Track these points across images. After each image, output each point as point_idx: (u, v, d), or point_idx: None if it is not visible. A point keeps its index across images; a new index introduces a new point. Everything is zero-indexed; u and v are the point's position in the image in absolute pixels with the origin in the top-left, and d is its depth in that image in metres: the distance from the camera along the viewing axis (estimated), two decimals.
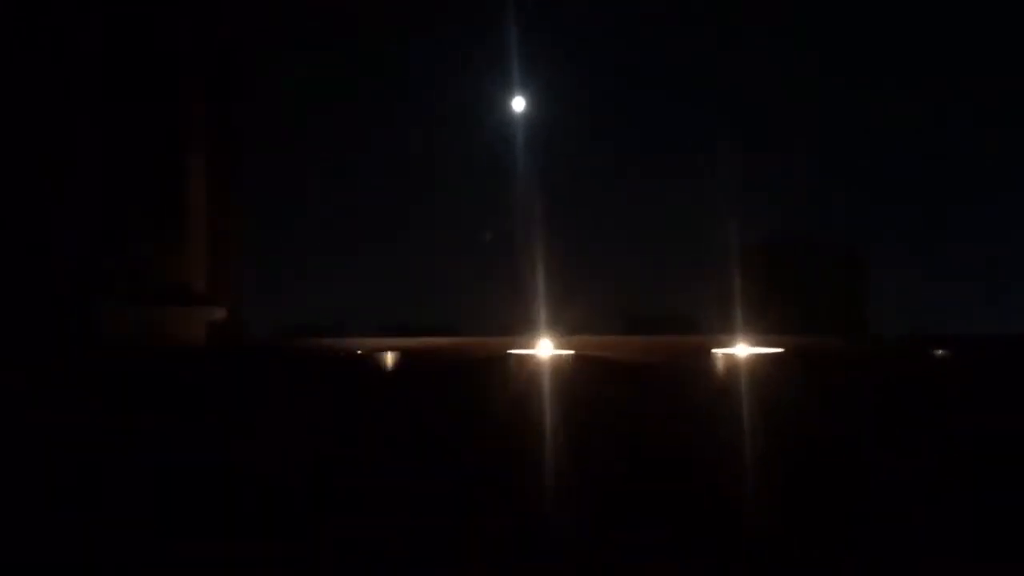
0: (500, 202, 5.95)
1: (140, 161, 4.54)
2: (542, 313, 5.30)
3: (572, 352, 4.53)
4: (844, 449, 3.14)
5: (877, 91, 6.02)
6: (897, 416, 3.45)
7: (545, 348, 4.64)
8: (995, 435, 3.05)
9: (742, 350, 4.38)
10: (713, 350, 4.33)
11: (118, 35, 4.64)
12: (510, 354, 4.60)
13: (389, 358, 4.61)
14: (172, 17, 4.86)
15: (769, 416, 3.31)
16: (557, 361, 4.39)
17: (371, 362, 4.40)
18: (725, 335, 4.85)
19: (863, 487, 2.77)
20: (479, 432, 3.36)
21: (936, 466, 2.91)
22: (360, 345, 4.87)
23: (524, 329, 5.04)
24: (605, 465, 3.04)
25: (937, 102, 5.96)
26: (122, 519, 2.34)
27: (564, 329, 5.14)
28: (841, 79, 6.04)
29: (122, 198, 4.51)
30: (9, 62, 4.31)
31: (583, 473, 2.95)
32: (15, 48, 4.29)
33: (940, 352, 4.20)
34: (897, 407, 3.57)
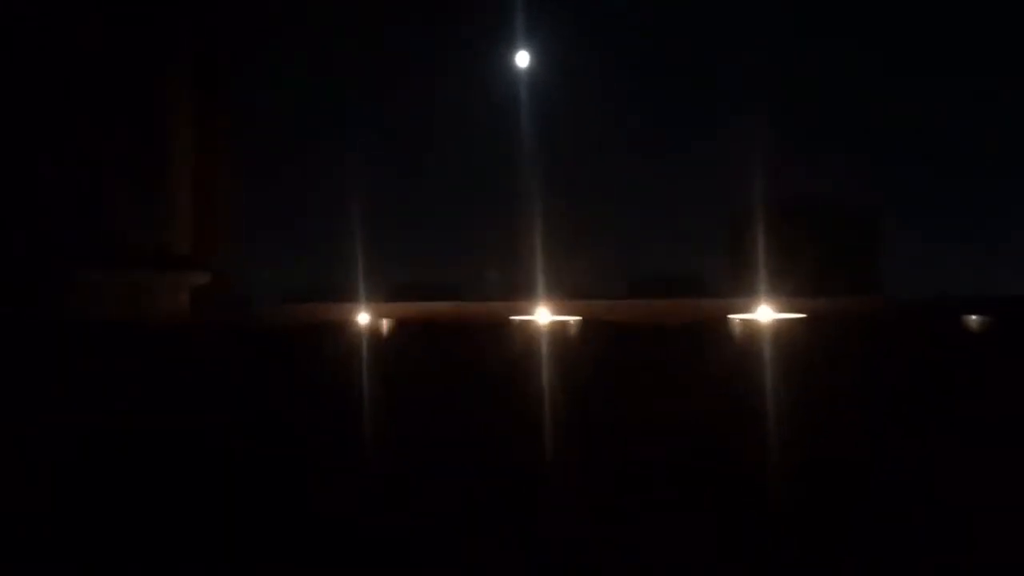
0: (501, 161, 5.62)
1: (113, 108, 4.18)
2: (544, 276, 5.02)
3: (579, 318, 4.24)
4: (875, 428, 2.86)
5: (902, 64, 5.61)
6: (930, 390, 3.16)
7: (549, 314, 4.35)
8: None
9: (763, 314, 4.06)
10: (730, 316, 4.02)
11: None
12: (513, 320, 4.32)
13: (381, 326, 4.32)
14: None
15: (794, 389, 3.03)
16: (563, 327, 4.11)
17: (360, 331, 4.12)
18: (742, 298, 4.55)
19: (892, 469, 2.51)
20: (478, 404, 3.10)
21: (971, 447, 2.65)
22: (353, 311, 4.58)
23: (527, 292, 4.77)
24: (614, 445, 2.78)
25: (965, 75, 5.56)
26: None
27: (569, 292, 4.85)
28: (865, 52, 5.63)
29: (95, 152, 4.17)
30: None
31: (589, 452, 2.71)
32: None
33: (976, 318, 3.88)
34: (931, 380, 3.28)
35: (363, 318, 4.46)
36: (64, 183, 4.05)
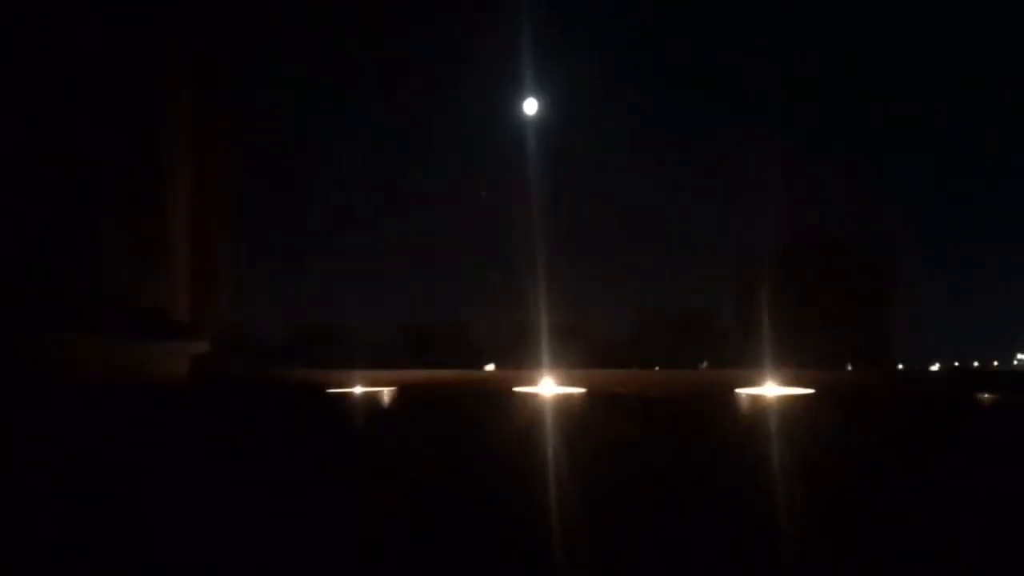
0: (505, 211, 5.63)
1: (113, 165, 4.16)
2: (546, 342, 4.97)
3: (583, 390, 4.17)
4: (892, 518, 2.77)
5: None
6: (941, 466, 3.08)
7: (552, 385, 4.29)
8: None
9: (770, 390, 4.01)
10: (737, 390, 3.96)
11: (95, 33, 4.28)
12: (516, 392, 4.25)
13: (378, 396, 4.24)
14: (157, 24, 4.51)
15: (802, 464, 2.96)
16: (568, 400, 4.04)
17: (355, 403, 4.04)
18: (748, 368, 4.49)
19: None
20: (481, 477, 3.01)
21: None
22: (347, 380, 4.51)
23: (529, 359, 4.71)
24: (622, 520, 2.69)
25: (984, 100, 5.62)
26: None
27: (571, 360, 4.79)
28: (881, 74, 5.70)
29: (93, 210, 4.14)
30: None
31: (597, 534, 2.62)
32: None
33: (988, 396, 3.83)
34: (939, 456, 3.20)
35: (360, 387, 4.39)
36: (58, 241, 4.01)
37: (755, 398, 3.89)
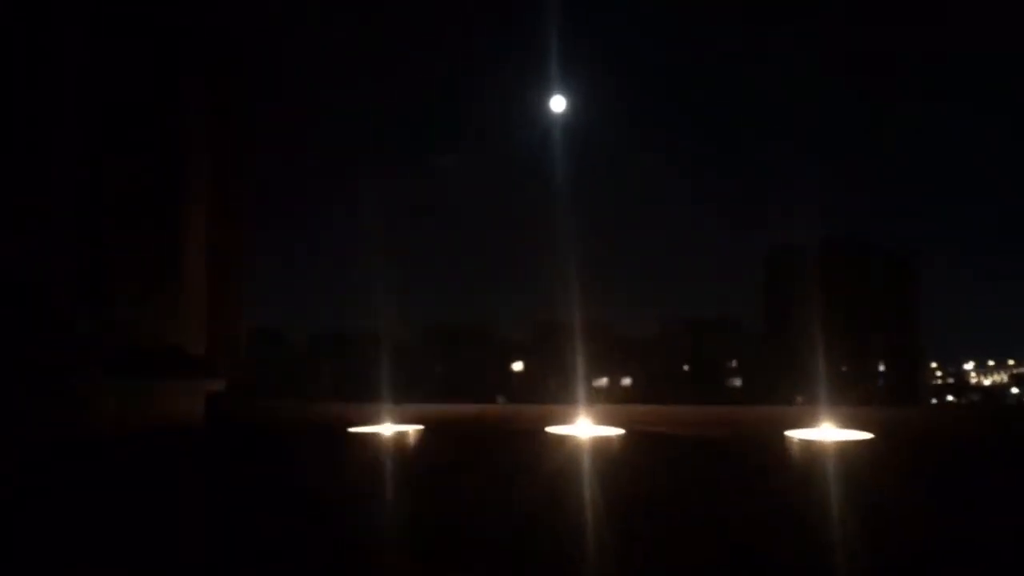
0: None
1: (124, 201, 3.98)
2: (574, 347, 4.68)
3: (621, 431, 3.88)
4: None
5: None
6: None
7: (587, 425, 4.01)
8: None
9: (824, 433, 3.68)
10: (787, 433, 3.65)
11: (108, 76, 4.11)
12: (548, 432, 3.98)
13: (408, 435, 4.01)
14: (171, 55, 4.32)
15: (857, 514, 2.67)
16: (604, 443, 3.76)
17: (386, 442, 3.80)
18: (798, 404, 4.18)
19: None
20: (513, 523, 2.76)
21: None
22: (379, 413, 4.28)
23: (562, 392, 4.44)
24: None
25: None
26: None
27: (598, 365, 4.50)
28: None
29: (104, 248, 3.96)
30: None
31: None
32: None
33: None
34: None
35: (389, 424, 4.16)
36: (69, 281, 3.84)
37: (809, 444, 3.57)
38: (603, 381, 44.62)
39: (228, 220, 4.38)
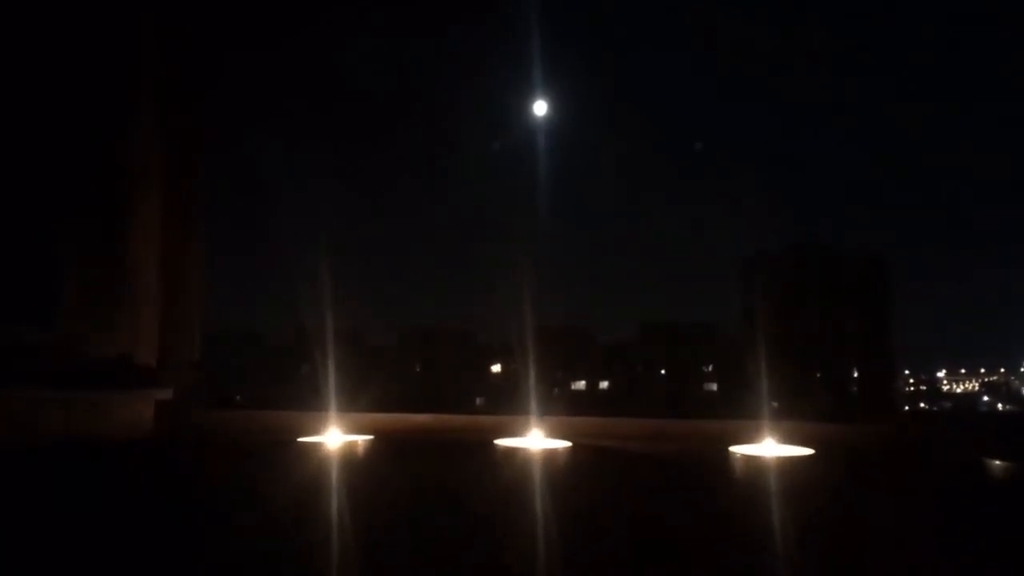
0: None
1: (69, 208, 3.92)
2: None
3: (568, 444, 3.90)
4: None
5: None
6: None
7: (536, 438, 4.03)
8: None
9: (767, 448, 3.74)
10: (732, 448, 3.70)
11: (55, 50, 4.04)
12: (496, 445, 3.99)
13: (355, 445, 4.00)
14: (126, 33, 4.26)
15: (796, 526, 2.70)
16: (551, 455, 3.78)
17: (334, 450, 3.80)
18: (743, 417, 4.22)
19: None
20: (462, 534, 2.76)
21: None
22: (326, 420, 4.27)
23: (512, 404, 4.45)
24: None
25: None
26: None
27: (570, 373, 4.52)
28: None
29: (48, 258, 3.91)
30: None
31: None
32: None
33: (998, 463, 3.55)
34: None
35: (336, 432, 4.15)
36: (12, 293, 3.79)
37: (751, 459, 3.61)
38: (581, 384, 44.84)
39: (182, 230, 4.34)
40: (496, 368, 46.92)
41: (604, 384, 45.72)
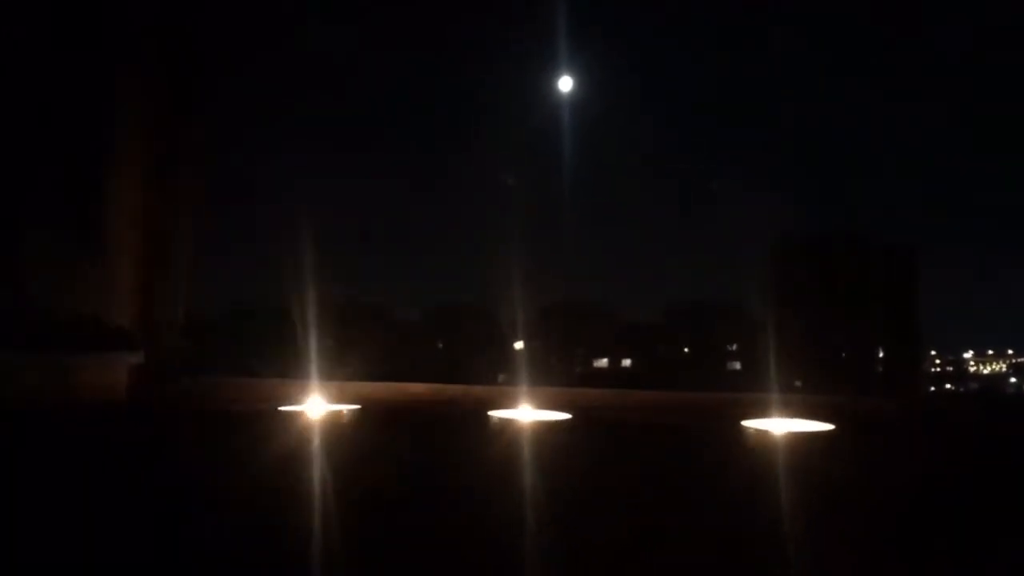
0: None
1: (44, 171, 3.71)
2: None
3: (569, 416, 3.65)
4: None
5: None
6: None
7: (534, 410, 3.78)
8: None
9: (781, 424, 3.45)
10: (743, 423, 3.41)
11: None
12: (491, 417, 3.75)
13: (342, 414, 3.78)
14: None
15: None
16: (551, 428, 3.53)
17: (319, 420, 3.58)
18: (756, 391, 3.94)
19: None
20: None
21: None
22: (316, 389, 4.05)
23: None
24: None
25: None
26: None
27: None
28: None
29: (22, 217, 3.70)
30: None
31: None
32: None
33: None
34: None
35: (322, 402, 3.93)
36: None
37: (763, 434, 3.33)
38: (603, 362, 44.65)
39: (167, 192, 4.10)
40: (518, 345, 46.86)
41: (626, 362, 45.49)
